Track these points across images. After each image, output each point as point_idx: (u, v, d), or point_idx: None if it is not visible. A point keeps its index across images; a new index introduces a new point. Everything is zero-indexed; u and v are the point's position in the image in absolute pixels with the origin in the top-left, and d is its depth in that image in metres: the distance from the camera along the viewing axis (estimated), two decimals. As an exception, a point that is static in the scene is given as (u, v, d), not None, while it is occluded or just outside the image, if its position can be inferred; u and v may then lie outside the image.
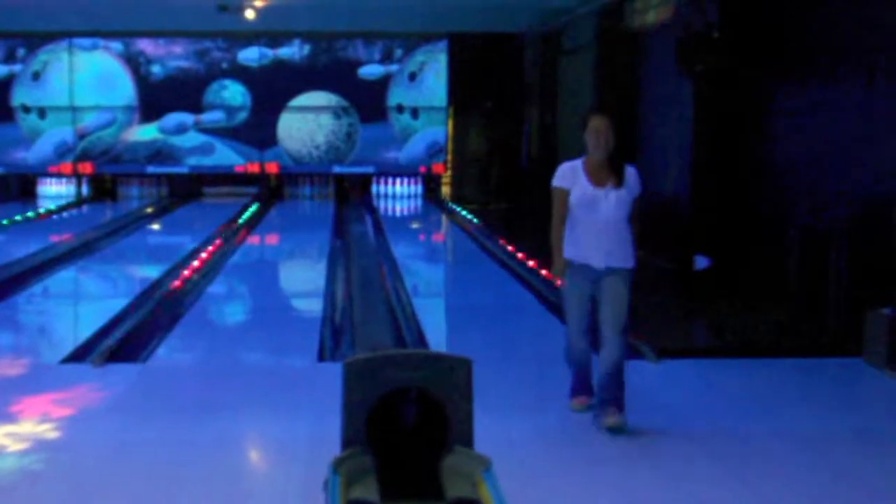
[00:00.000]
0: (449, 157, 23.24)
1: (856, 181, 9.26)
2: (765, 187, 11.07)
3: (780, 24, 10.84)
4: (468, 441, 4.17)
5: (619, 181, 6.40)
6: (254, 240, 16.99)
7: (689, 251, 11.71)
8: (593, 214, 6.38)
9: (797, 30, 10.56)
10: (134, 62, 22.88)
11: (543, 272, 11.69)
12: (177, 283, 11.68)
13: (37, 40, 22.54)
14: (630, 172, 6.47)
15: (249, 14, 17.85)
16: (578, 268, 6.47)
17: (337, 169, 23.18)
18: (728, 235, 11.44)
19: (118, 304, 10.54)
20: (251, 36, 22.54)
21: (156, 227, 19.18)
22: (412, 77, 23.02)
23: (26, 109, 22.77)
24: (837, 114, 9.66)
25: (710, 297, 10.80)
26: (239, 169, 23.03)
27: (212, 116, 22.97)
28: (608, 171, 6.42)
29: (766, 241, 10.91)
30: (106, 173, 23.26)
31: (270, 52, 22.96)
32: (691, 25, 11.89)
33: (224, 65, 22.97)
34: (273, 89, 22.98)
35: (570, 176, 6.47)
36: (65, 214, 20.68)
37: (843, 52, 9.64)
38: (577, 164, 6.50)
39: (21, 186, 23.26)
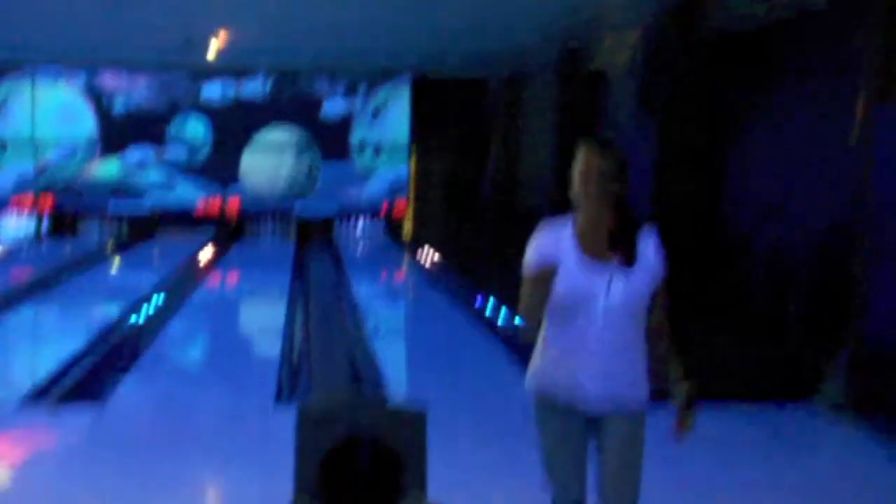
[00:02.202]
0: (411, 196, 23.25)
1: (815, 217, 9.34)
2: (725, 223, 11.15)
3: (740, 62, 10.96)
4: (422, 489, 4.16)
5: (630, 255, 4.04)
6: (213, 279, 16.93)
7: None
8: (586, 312, 4.04)
9: (758, 66, 10.67)
10: (96, 96, 22.78)
11: (504, 311, 11.69)
12: (135, 323, 11.61)
13: (-2, 73, 22.46)
14: (647, 242, 4.10)
15: (211, 53, 17.84)
16: (554, 407, 4.17)
17: (298, 206, 23.14)
18: (687, 268, 11.49)
19: (74, 343, 10.45)
20: (214, 71, 22.51)
21: (115, 264, 19.06)
22: (375, 114, 23.05)
23: (-13, 142, 22.65)
24: (796, 148, 9.76)
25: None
26: (200, 205, 22.94)
27: (174, 151, 22.89)
28: (611, 239, 4.05)
29: (725, 276, 10.97)
30: (66, 208, 23.11)
31: (233, 88, 22.93)
32: (654, 67, 11.98)
33: (187, 99, 22.92)
34: (236, 125, 22.94)
35: (552, 247, 4.04)
36: (23, 249, 20.52)
37: (805, 84, 9.75)
38: (564, 227, 4.09)
39: (-20, 220, 23.09)
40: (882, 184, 7.73)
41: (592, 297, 4.01)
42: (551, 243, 4.04)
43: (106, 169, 22.79)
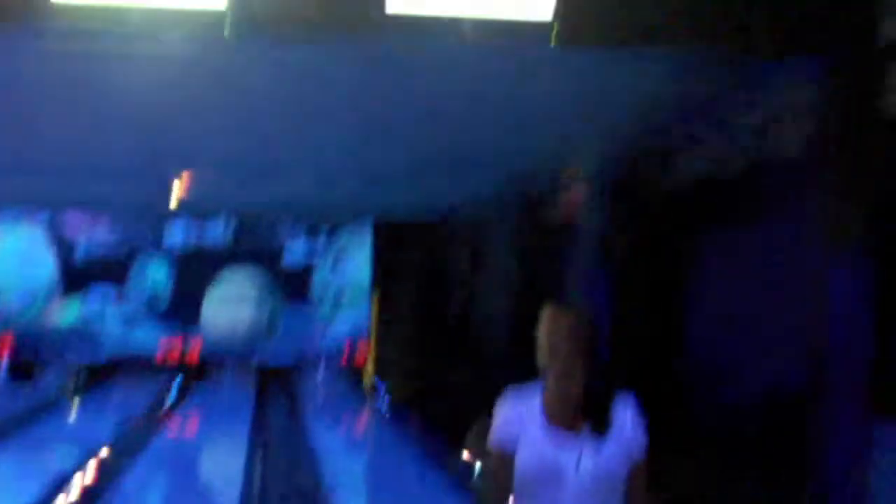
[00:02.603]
0: (372, 341, 23.16)
1: (770, 376, 9.33)
2: (680, 376, 11.13)
3: (698, 212, 11.06)
4: None
5: (601, 424, 3.67)
6: (172, 426, 16.72)
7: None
8: (555, 488, 3.63)
9: (715, 217, 10.77)
10: (57, 239, 22.73)
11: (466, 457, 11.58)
12: (90, 475, 11.41)
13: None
14: (624, 412, 3.74)
15: (175, 199, 17.88)
16: None
17: (259, 351, 23.00)
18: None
19: (26, 497, 10.27)
20: (176, 215, 22.53)
21: (73, 411, 18.82)
22: (336, 259, 23.10)
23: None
24: (753, 300, 9.80)
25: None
26: (160, 350, 22.77)
27: (134, 295, 22.80)
28: (582, 409, 3.67)
29: (680, 428, 10.92)
30: (24, 353, 22.86)
31: (195, 232, 22.96)
32: (612, 217, 12.09)
33: (149, 243, 22.91)
34: (197, 269, 22.91)
35: (515, 423, 3.68)
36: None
37: (762, 233, 9.83)
38: (531, 395, 3.73)
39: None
40: (838, 339, 7.73)
41: (560, 472, 3.59)
42: (514, 418, 3.69)
43: (65, 313, 22.65)
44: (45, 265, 22.67)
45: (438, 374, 21.41)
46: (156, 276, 22.88)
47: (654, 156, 11.50)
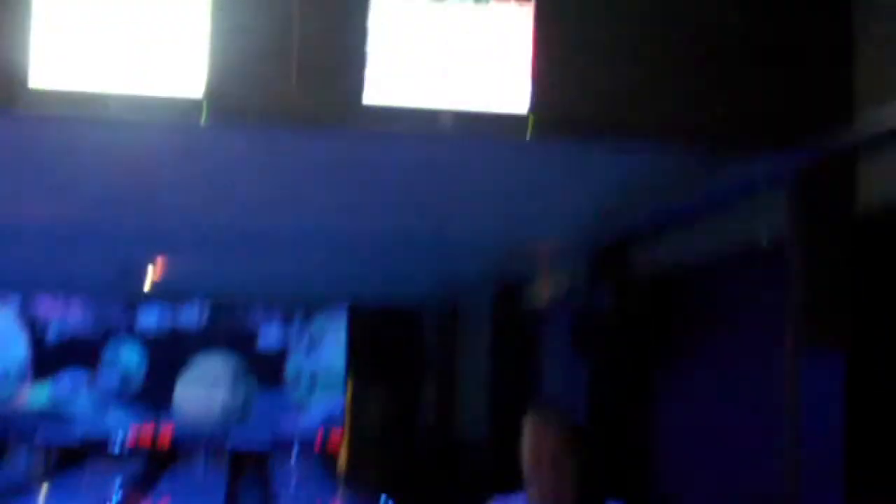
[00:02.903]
0: (347, 427, 22.96)
1: (743, 483, 9.29)
2: (651, 477, 11.08)
3: (670, 305, 11.07)
4: None
5: None
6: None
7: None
8: None
9: (687, 310, 10.78)
10: (30, 321, 22.59)
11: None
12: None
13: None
14: None
15: (149, 282, 17.83)
16: None
17: (232, 436, 22.80)
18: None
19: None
20: (150, 298, 22.42)
21: (41, 497, 18.59)
22: (311, 344, 22.99)
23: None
24: (731, 404, 9.77)
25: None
26: (132, 434, 22.54)
27: (107, 378, 22.62)
28: None
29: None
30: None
31: (169, 315, 22.85)
32: (586, 309, 12.10)
33: (122, 326, 22.78)
34: (171, 353, 22.77)
35: None
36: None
37: (733, 329, 9.83)
38: None
39: None
40: (813, 442, 7.67)
41: None
42: None
43: (36, 395, 22.43)
44: (17, 347, 22.49)
45: (414, 462, 21.23)
46: (128, 359, 22.72)
47: (628, 247, 11.55)
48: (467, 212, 11.19)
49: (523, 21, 6.57)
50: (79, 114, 6.40)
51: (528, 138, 6.70)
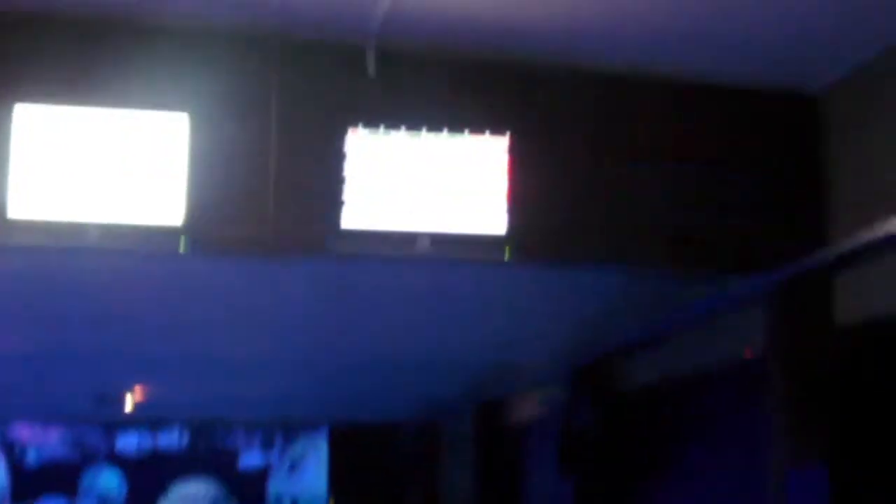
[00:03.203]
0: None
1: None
2: None
3: (653, 419, 11.04)
4: None
5: None
6: None
7: None
8: None
9: (670, 424, 10.75)
10: (8, 447, 22.34)
11: None
12: None
13: None
14: None
15: (128, 406, 17.72)
16: None
17: (213, 564, 22.51)
18: None
19: None
20: (129, 422, 22.24)
21: None
22: (292, 466, 22.78)
23: None
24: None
25: None
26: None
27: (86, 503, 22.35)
28: None
29: None
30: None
31: (149, 439, 22.64)
32: (569, 426, 12.05)
33: (101, 451, 22.55)
34: (151, 476, 22.51)
35: None
36: None
37: (716, 443, 9.80)
38: None
39: None
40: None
41: None
42: None
43: (15, 523, 22.14)
44: (-5, 473, 22.25)
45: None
46: (108, 483, 22.46)
47: (610, 364, 11.56)
48: (446, 331, 11.21)
49: (498, 152, 6.68)
50: (58, 243, 6.40)
51: (506, 260, 6.75)
